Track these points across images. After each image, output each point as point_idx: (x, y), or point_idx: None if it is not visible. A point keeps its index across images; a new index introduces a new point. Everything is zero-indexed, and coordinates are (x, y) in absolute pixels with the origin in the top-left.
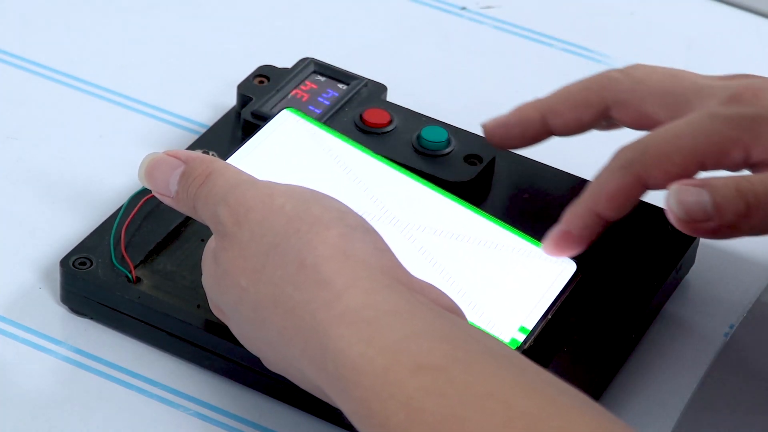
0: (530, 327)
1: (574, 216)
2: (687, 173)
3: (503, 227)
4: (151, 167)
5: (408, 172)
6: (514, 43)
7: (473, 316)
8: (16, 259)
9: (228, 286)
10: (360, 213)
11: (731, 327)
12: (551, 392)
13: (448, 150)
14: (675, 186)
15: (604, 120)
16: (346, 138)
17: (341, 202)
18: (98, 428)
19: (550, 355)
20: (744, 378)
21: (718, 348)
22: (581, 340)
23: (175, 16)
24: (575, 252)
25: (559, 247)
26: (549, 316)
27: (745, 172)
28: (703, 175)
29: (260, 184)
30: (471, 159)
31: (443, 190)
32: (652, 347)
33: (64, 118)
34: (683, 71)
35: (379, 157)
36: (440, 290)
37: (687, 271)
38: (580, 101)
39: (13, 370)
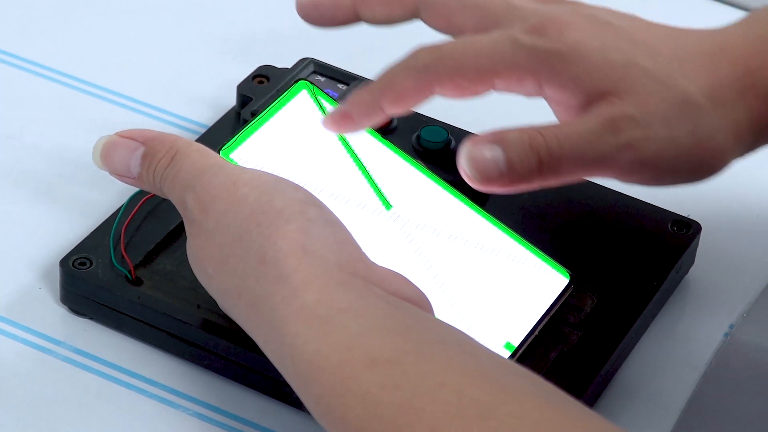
0: (516, 343)
1: (359, 103)
2: (476, 91)
3: (503, 230)
4: (107, 150)
5: (417, 164)
6: None
7: (461, 328)
8: (16, 259)
9: (197, 270)
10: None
11: (731, 327)
12: (504, 378)
13: (448, 150)
14: (469, 145)
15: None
16: None
17: (305, 191)
18: (98, 428)
19: (549, 354)
20: (744, 378)
21: (718, 348)
22: (580, 340)
23: (175, 16)
24: (350, 132)
25: (336, 125)
26: (536, 332)
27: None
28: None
29: (226, 170)
30: None
31: (449, 186)
32: (652, 347)
33: (64, 118)
34: None
35: (390, 145)
36: (404, 279)
37: (687, 271)
38: None
39: (13, 370)
